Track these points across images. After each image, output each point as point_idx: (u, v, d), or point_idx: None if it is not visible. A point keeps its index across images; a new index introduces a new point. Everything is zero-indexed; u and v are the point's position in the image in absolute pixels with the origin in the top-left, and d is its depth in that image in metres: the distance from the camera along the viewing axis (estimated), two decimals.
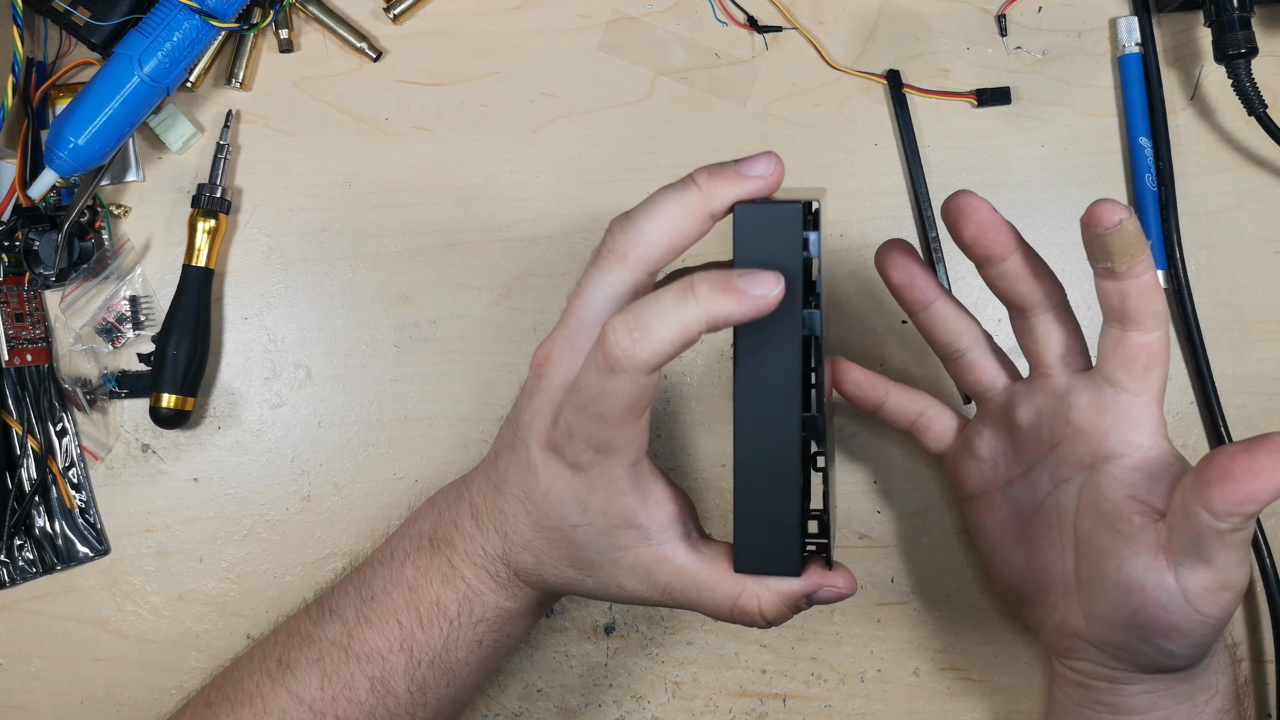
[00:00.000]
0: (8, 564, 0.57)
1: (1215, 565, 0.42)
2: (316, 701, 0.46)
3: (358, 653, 0.46)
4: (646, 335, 0.37)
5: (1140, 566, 0.43)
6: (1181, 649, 0.44)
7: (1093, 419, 0.46)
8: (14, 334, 0.56)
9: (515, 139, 0.59)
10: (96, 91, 0.52)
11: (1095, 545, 0.46)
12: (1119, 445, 0.45)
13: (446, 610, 0.46)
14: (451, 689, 0.48)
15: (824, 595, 0.43)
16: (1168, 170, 0.59)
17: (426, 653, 0.46)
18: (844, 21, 0.60)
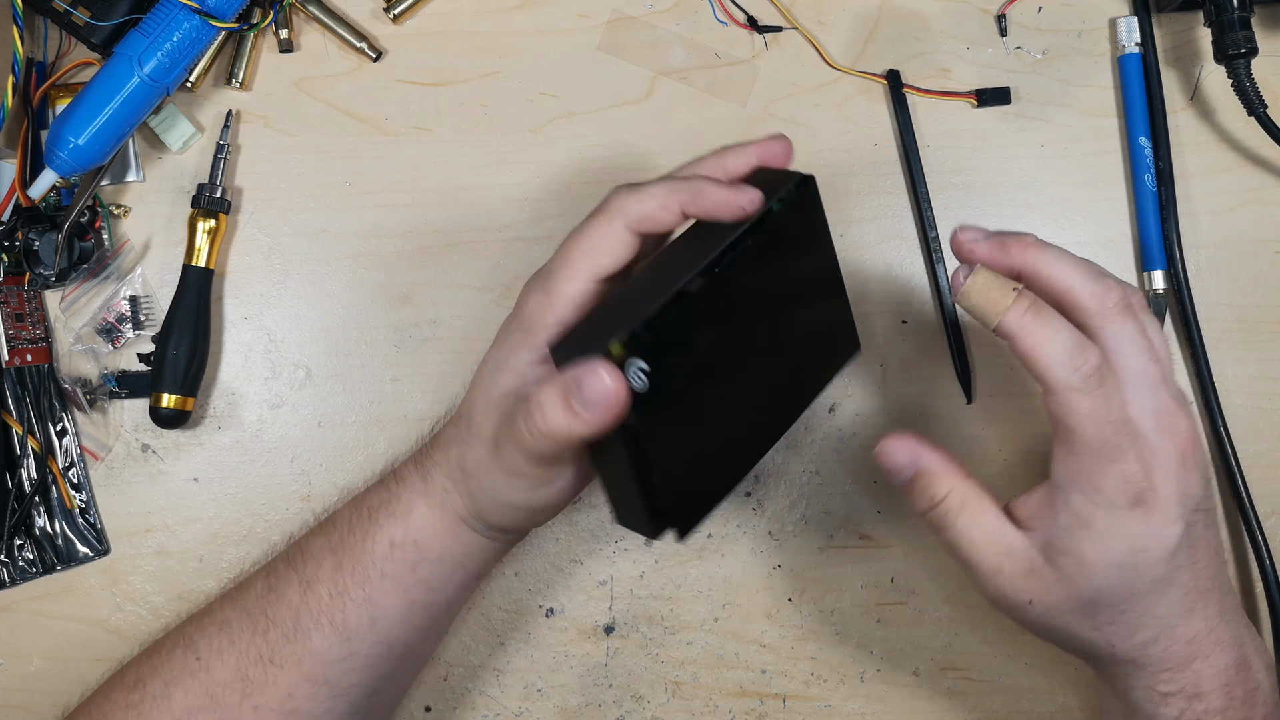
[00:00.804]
0: (8, 564, 0.57)
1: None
2: (254, 606, 0.49)
3: (298, 560, 0.50)
4: (641, 191, 0.45)
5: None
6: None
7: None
8: (14, 334, 0.56)
9: (515, 139, 0.59)
10: (96, 91, 0.52)
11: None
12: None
13: (372, 510, 0.49)
14: (370, 605, 0.48)
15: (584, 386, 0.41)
16: (1167, 170, 0.59)
17: (349, 554, 0.49)
18: (844, 21, 0.60)
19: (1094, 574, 0.44)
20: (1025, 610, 0.46)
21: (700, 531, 0.59)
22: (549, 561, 0.59)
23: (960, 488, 0.46)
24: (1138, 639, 0.46)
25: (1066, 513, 0.44)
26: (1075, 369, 0.42)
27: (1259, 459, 0.59)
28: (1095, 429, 0.43)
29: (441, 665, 0.58)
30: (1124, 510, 0.43)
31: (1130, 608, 0.45)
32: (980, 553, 0.45)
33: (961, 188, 0.59)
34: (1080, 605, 0.45)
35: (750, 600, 0.59)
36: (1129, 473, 0.43)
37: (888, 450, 0.47)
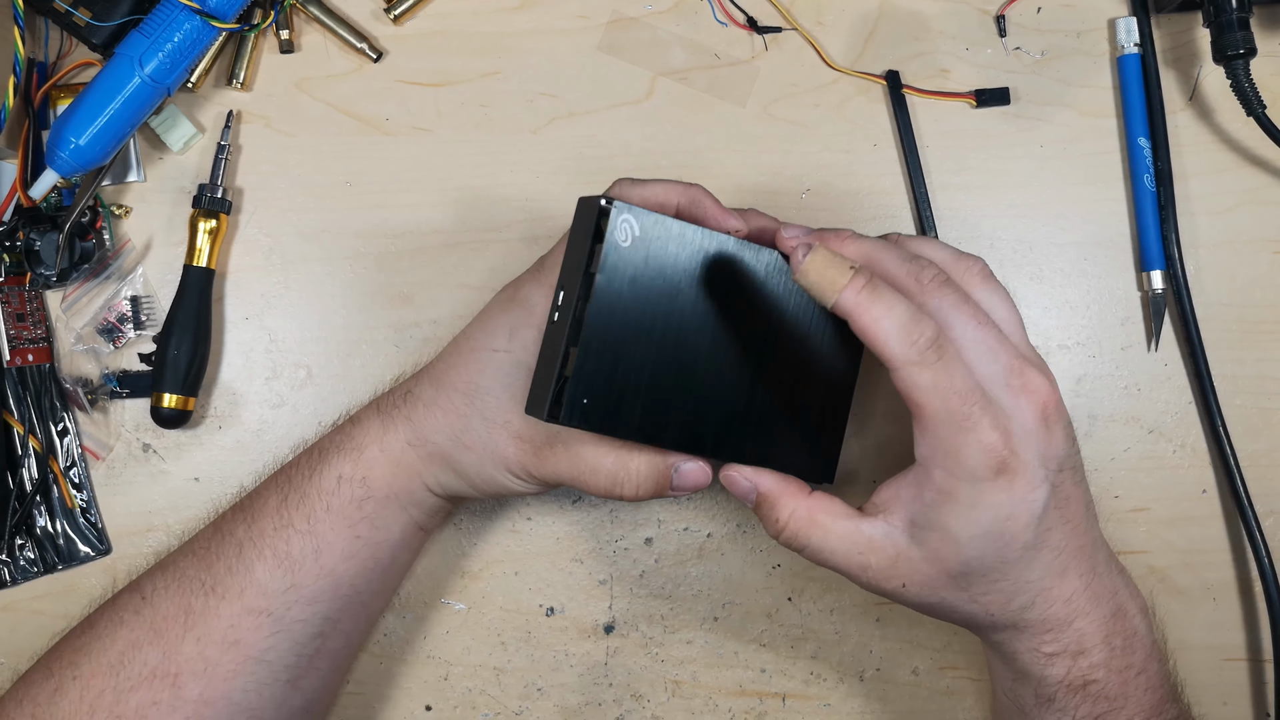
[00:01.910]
0: (9, 563, 0.57)
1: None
2: (200, 545, 0.51)
3: (244, 504, 0.52)
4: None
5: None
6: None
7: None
8: (15, 334, 0.56)
9: (515, 139, 0.59)
10: (97, 92, 0.52)
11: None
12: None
13: (324, 451, 0.51)
14: (313, 538, 0.49)
15: (683, 472, 0.47)
16: (1166, 171, 0.59)
17: (295, 489, 0.50)
18: (843, 22, 0.60)
19: (961, 547, 0.44)
20: (902, 594, 0.46)
21: (700, 531, 0.59)
22: (549, 561, 0.59)
23: (802, 506, 0.46)
24: (1015, 604, 0.46)
25: (930, 489, 0.44)
26: (911, 343, 0.42)
27: (1259, 459, 0.59)
28: (942, 401, 0.42)
29: (441, 664, 0.58)
30: (987, 481, 0.43)
31: (1003, 576, 0.45)
32: (842, 558, 0.46)
33: (961, 188, 0.59)
34: (952, 579, 0.45)
35: (750, 600, 0.59)
36: (986, 442, 0.43)
37: (729, 480, 0.47)
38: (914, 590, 0.46)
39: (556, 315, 0.45)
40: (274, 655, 0.49)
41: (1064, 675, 0.47)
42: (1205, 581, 0.59)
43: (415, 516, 0.52)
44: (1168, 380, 0.59)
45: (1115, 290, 0.60)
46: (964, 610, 0.46)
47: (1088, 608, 0.46)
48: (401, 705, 0.58)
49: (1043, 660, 0.47)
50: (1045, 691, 0.47)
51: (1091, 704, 0.47)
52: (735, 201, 0.59)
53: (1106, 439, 0.59)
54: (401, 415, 0.50)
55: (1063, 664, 0.46)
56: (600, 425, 0.45)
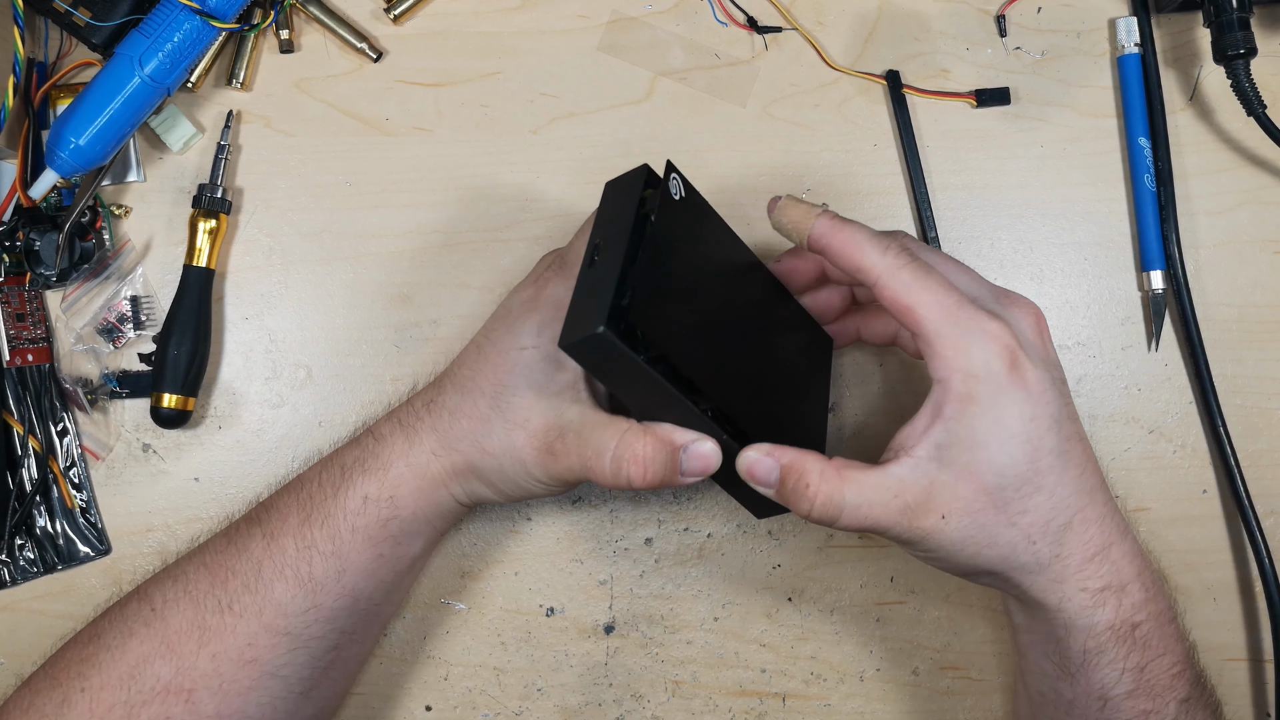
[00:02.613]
0: (9, 563, 0.57)
1: None
2: (215, 560, 0.50)
3: (261, 518, 0.50)
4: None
5: None
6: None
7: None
8: (15, 334, 0.56)
9: (515, 139, 0.59)
10: (97, 92, 0.52)
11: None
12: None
13: (345, 466, 0.50)
14: (338, 558, 0.49)
15: (693, 453, 0.45)
16: (1167, 170, 0.59)
17: (318, 510, 0.49)
18: (843, 22, 0.60)
19: (992, 453, 0.43)
20: (942, 532, 0.44)
21: (700, 531, 0.59)
22: (549, 561, 0.59)
23: (829, 467, 0.45)
24: (1054, 524, 0.45)
25: (950, 402, 0.43)
26: (885, 249, 0.44)
27: (1259, 459, 0.59)
28: (936, 301, 0.43)
29: (442, 665, 0.58)
30: (1004, 377, 0.43)
31: (1038, 488, 0.44)
32: (880, 509, 0.44)
33: (961, 188, 0.59)
34: (989, 496, 0.44)
35: (750, 600, 0.59)
36: (995, 334, 0.43)
37: (749, 463, 0.45)
38: (954, 521, 0.44)
39: (597, 259, 0.44)
40: (289, 670, 0.49)
41: (1113, 619, 0.45)
42: (1205, 581, 0.59)
43: (439, 527, 0.52)
44: (1168, 380, 0.59)
45: (1115, 290, 0.60)
46: (1005, 542, 0.44)
47: (1118, 536, 0.46)
48: (401, 705, 0.58)
49: (1090, 601, 0.45)
50: (1094, 642, 0.45)
51: (1141, 651, 0.45)
52: (734, 201, 0.59)
53: (1107, 439, 0.59)
54: (426, 426, 0.50)
55: (1110, 604, 0.45)
56: (646, 351, 0.42)
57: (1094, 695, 0.46)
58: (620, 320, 0.41)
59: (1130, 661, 0.46)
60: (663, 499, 0.59)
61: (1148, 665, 0.46)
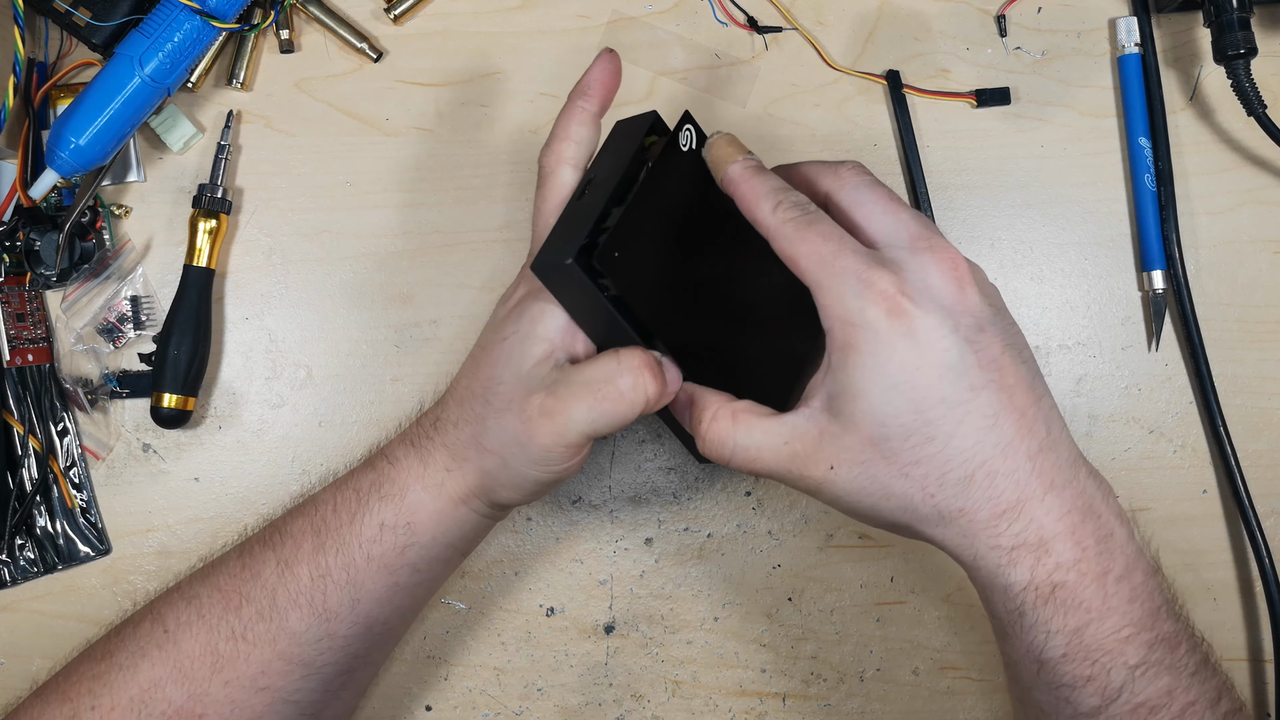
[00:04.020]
0: (9, 563, 0.57)
1: None
2: (227, 583, 0.49)
3: (274, 541, 0.49)
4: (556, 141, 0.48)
5: None
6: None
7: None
8: (15, 334, 0.57)
9: (515, 139, 0.59)
10: (97, 92, 0.52)
11: None
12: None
13: (359, 490, 0.49)
14: (352, 587, 0.48)
15: (665, 363, 0.46)
16: (1167, 170, 0.59)
17: (332, 537, 0.48)
18: (844, 22, 0.60)
19: (874, 403, 0.42)
20: (832, 482, 0.44)
21: (700, 531, 0.59)
22: (549, 561, 0.59)
23: (725, 408, 0.45)
24: (951, 477, 0.43)
25: (834, 350, 0.43)
26: (776, 206, 0.44)
27: (1259, 459, 0.59)
28: (817, 255, 0.43)
29: (442, 665, 0.58)
30: (883, 325, 0.42)
31: (928, 439, 0.42)
32: (769, 453, 0.44)
33: (961, 188, 0.59)
34: (874, 446, 0.43)
35: (750, 600, 0.59)
36: (875, 284, 0.42)
37: (670, 391, 0.46)
38: (843, 472, 0.43)
39: (586, 192, 0.46)
40: (301, 695, 0.49)
41: (1028, 578, 0.43)
42: (1205, 581, 0.59)
43: (460, 548, 0.51)
44: (1168, 380, 0.59)
45: (1115, 290, 0.60)
46: (901, 494, 0.43)
47: (1040, 492, 0.43)
48: (401, 705, 0.58)
49: (1003, 559, 0.43)
50: (1012, 604, 0.43)
51: (1065, 614, 0.43)
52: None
53: (1107, 439, 0.59)
54: (436, 444, 0.49)
55: (1025, 563, 0.43)
56: (619, 282, 0.44)
57: (1030, 658, 0.44)
58: (587, 256, 0.43)
59: (1057, 624, 0.43)
60: (663, 499, 0.59)
61: (1084, 628, 0.43)
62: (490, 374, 0.48)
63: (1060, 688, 0.44)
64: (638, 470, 0.59)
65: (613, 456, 0.59)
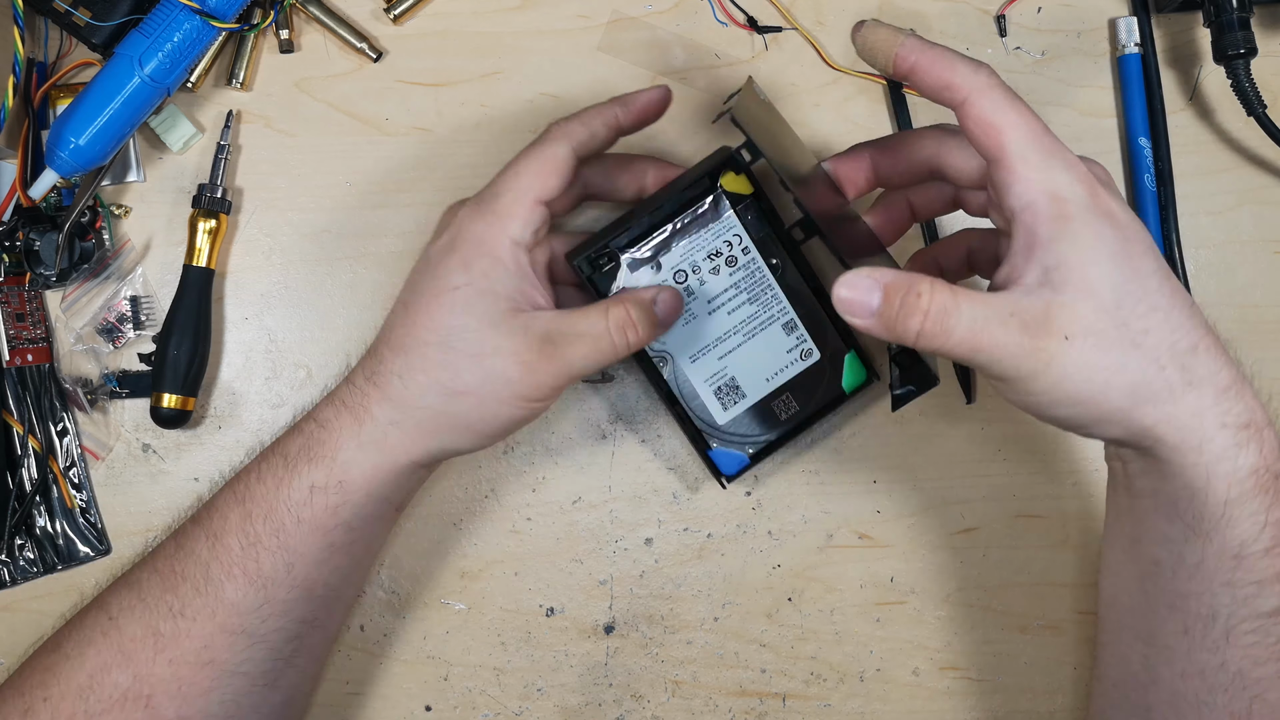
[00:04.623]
0: (9, 563, 0.57)
1: (962, 362, 0.47)
2: (164, 564, 0.50)
3: (202, 518, 0.50)
4: (582, 116, 0.51)
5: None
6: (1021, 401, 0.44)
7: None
8: (15, 334, 0.56)
9: (515, 139, 0.59)
10: (97, 92, 0.52)
11: None
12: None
13: (286, 455, 0.49)
14: (285, 552, 0.48)
15: (662, 301, 0.50)
16: (1167, 170, 0.59)
17: (260, 505, 0.49)
18: (844, 21, 0.60)
19: (1102, 270, 0.41)
20: (1066, 357, 0.41)
21: (700, 531, 0.59)
22: (549, 561, 0.59)
23: (936, 280, 0.42)
24: (1180, 347, 0.42)
25: (1043, 223, 0.42)
26: (977, 68, 0.43)
27: None
28: (1022, 119, 0.42)
29: (441, 665, 0.58)
30: (1088, 203, 0.42)
31: (1153, 307, 0.42)
32: (999, 327, 0.41)
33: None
34: (1109, 314, 0.41)
35: (750, 600, 0.59)
36: (1073, 161, 0.43)
37: (845, 298, 0.42)
38: (1078, 343, 0.41)
39: (658, 201, 0.53)
40: (250, 666, 0.49)
41: (1256, 462, 0.42)
42: None
43: (396, 503, 0.51)
44: None
45: None
46: (1135, 366, 0.42)
47: (1242, 378, 0.43)
48: (401, 705, 0.58)
49: (1233, 440, 0.42)
50: (1237, 490, 0.42)
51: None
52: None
53: None
54: (374, 399, 0.49)
55: (1254, 445, 0.42)
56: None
57: (1228, 554, 0.43)
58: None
59: (1274, 514, 0.42)
60: (662, 499, 0.59)
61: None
62: (447, 321, 0.48)
63: (1250, 585, 0.43)
64: (638, 470, 0.59)
65: (613, 456, 0.59)
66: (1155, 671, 0.46)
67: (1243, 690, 0.44)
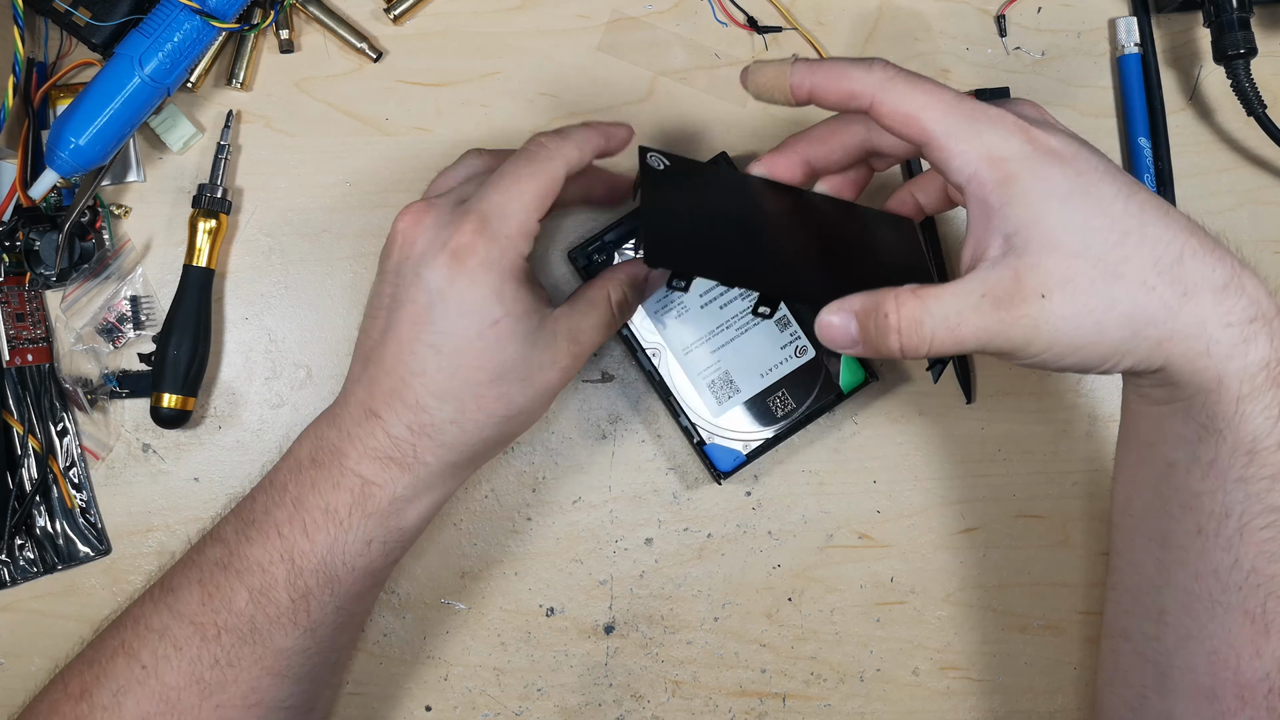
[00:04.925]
0: (9, 563, 0.57)
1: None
2: (196, 615, 0.48)
3: (238, 568, 0.48)
4: (571, 137, 0.49)
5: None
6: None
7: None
8: (15, 334, 0.56)
9: (515, 139, 0.59)
10: (97, 92, 0.52)
11: None
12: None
13: (335, 513, 0.47)
14: (335, 597, 0.48)
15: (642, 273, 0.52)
16: (1167, 170, 0.59)
17: (310, 560, 0.47)
18: (844, 21, 0.60)
19: (1062, 219, 0.41)
20: (1050, 312, 0.41)
21: (700, 531, 0.59)
22: (549, 561, 0.59)
23: (903, 292, 0.42)
24: (1164, 261, 0.41)
25: (991, 190, 0.41)
26: (870, 67, 0.43)
27: None
28: (932, 98, 0.42)
29: (442, 665, 0.58)
30: (1028, 151, 0.41)
31: (1125, 232, 0.41)
32: (973, 313, 0.41)
33: None
34: (1079, 258, 0.41)
35: (750, 600, 0.59)
36: (995, 114, 0.42)
37: (826, 327, 0.43)
38: (1057, 297, 0.41)
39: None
40: (294, 699, 0.49)
41: (1267, 355, 0.41)
42: None
43: (434, 505, 0.51)
44: None
45: None
46: (1123, 296, 0.41)
47: (1239, 266, 0.42)
48: (401, 705, 0.58)
49: (1240, 336, 0.41)
50: (1249, 385, 0.41)
51: None
52: None
53: (1107, 439, 0.59)
54: (426, 448, 0.47)
55: (1263, 338, 0.41)
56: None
57: (1242, 449, 0.43)
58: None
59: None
60: (662, 499, 0.59)
61: None
62: (497, 358, 0.47)
63: (1263, 480, 0.43)
64: (638, 470, 0.59)
65: (613, 456, 0.59)
66: (1169, 574, 0.46)
67: (1257, 588, 0.43)
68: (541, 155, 0.48)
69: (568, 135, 0.49)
